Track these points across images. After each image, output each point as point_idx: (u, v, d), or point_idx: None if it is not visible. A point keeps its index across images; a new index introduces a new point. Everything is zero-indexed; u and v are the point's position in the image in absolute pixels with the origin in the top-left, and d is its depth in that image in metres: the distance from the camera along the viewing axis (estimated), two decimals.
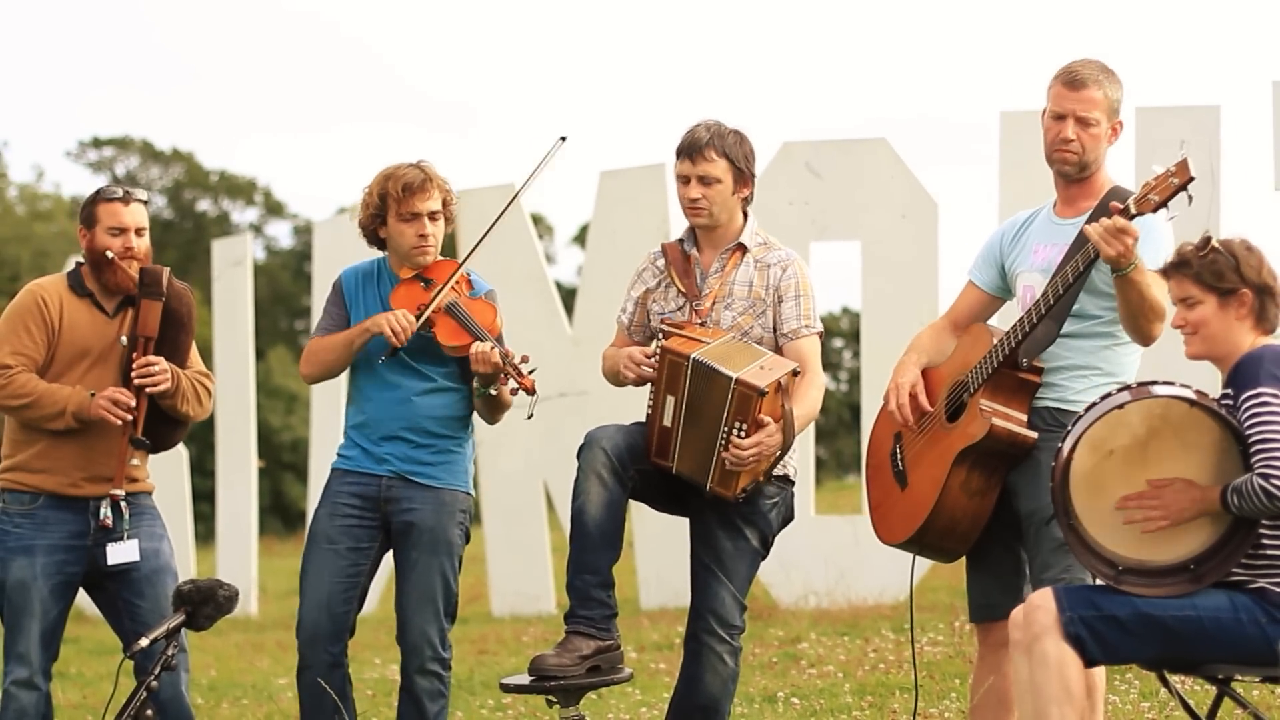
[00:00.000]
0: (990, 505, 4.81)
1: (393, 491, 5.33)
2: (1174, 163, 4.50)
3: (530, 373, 5.19)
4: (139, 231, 5.42)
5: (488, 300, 5.39)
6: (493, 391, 5.23)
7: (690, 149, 5.11)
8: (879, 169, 10.63)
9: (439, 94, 74.00)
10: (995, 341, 4.81)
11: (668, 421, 4.96)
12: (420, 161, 5.41)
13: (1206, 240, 4.32)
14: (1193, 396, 4.23)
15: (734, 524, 5.05)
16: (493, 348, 5.16)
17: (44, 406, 5.32)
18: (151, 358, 5.35)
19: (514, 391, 5.22)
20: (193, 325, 5.53)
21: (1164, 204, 4.52)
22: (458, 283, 5.36)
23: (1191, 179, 4.47)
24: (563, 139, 5.39)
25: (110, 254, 5.37)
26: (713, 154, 5.09)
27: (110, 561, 5.37)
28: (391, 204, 5.34)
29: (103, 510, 5.36)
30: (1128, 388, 4.31)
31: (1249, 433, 4.15)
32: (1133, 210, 4.54)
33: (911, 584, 5.31)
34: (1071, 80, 4.84)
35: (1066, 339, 4.79)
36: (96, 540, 5.38)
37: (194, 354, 5.58)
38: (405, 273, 5.40)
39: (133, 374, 5.34)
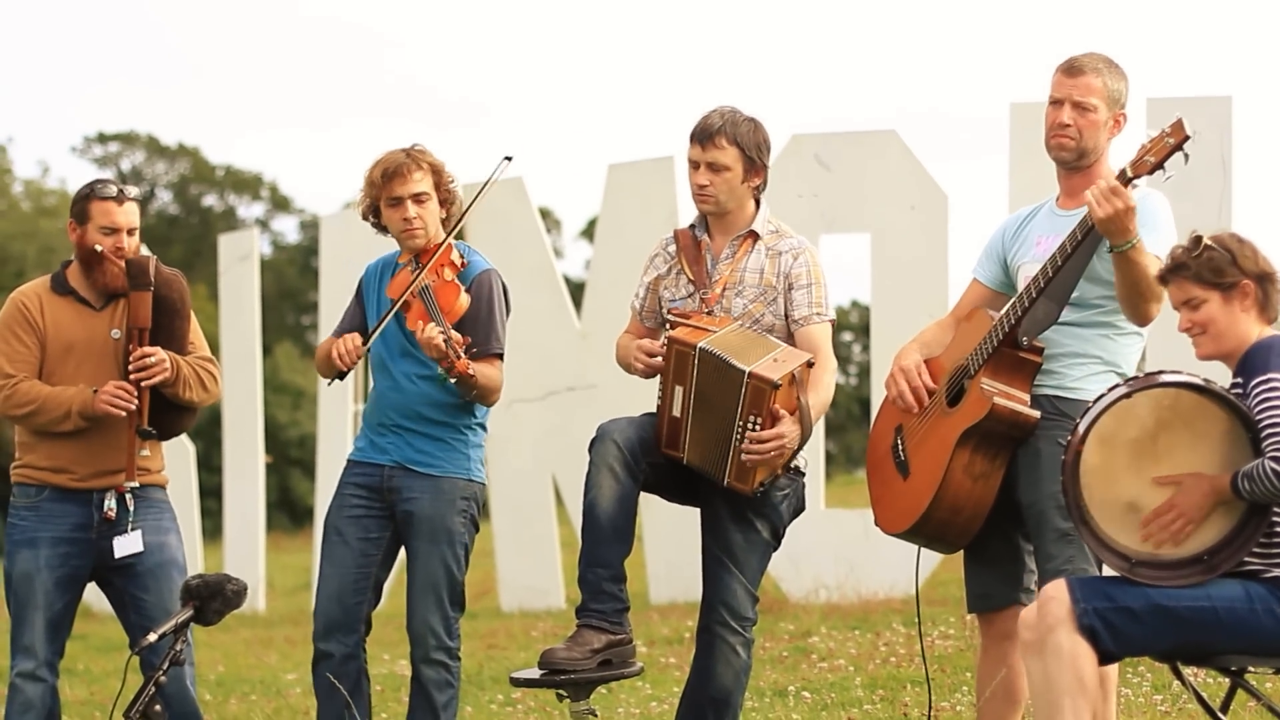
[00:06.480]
0: (993, 491, 4.77)
1: (394, 481, 5.32)
2: (1169, 124, 4.50)
3: (469, 353, 5.09)
4: (131, 232, 5.40)
5: (459, 282, 5.29)
6: (452, 380, 5.15)
7: (702, 135, 5.06)
8: (888, 161, 10.59)
9: (447, 88, 74.08)
10: (995, 322, 4.79)
11: (677, 412, 4.94)
12: (413, 146, 5.36)
13: (1198, 239, 4.32)
14: (1201, 384, 4.22)
15: (745, 516, 5.02)
16: (438, 331, 5.09)
17: (49, 411, 5.32)
18: (147, 349, 5.32)
19: (451, 372, 5.09)
20: (187, 310, 5.49)
21: (1160, 165, 4.51)
22: (447, 265, 5.31)
23: (1187, 137, 4.46)
24: (507, 159, 5.38)
25: (100, 249, 5.35)
26: (724, 141, 5.03)
27: (116, 554, 5.37)
28: (379, 191, 5.33)
29: (107, 502, 5.35)
30: (1135, 378, 4.29)
31: (1259, 417, 4.14)
32: (1129, 174, 4.53)
33: (917, 576, 5.27)
34: (1070, 68, 4.84)
35: (1066, 326, 4.76)
36: (101, 533, 5.37)
37: (197, 337, 5.53)
38: (404, 258, 5.39)
39: (129, 368, 5.32)
